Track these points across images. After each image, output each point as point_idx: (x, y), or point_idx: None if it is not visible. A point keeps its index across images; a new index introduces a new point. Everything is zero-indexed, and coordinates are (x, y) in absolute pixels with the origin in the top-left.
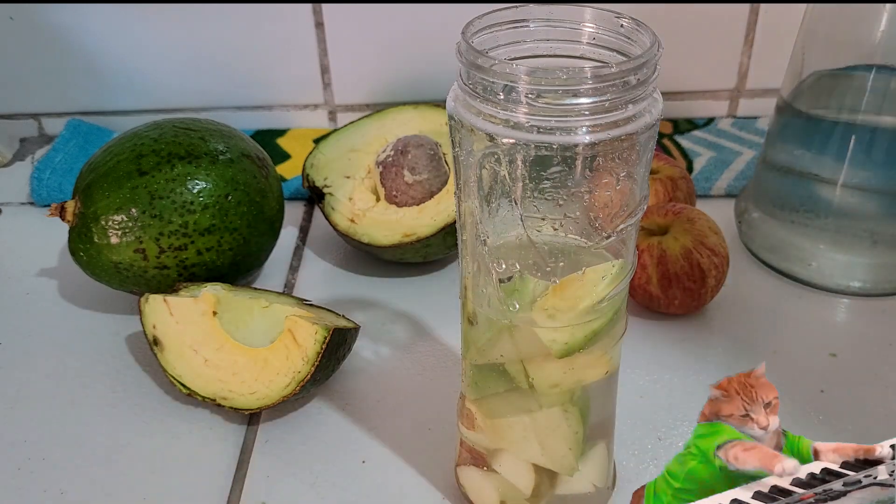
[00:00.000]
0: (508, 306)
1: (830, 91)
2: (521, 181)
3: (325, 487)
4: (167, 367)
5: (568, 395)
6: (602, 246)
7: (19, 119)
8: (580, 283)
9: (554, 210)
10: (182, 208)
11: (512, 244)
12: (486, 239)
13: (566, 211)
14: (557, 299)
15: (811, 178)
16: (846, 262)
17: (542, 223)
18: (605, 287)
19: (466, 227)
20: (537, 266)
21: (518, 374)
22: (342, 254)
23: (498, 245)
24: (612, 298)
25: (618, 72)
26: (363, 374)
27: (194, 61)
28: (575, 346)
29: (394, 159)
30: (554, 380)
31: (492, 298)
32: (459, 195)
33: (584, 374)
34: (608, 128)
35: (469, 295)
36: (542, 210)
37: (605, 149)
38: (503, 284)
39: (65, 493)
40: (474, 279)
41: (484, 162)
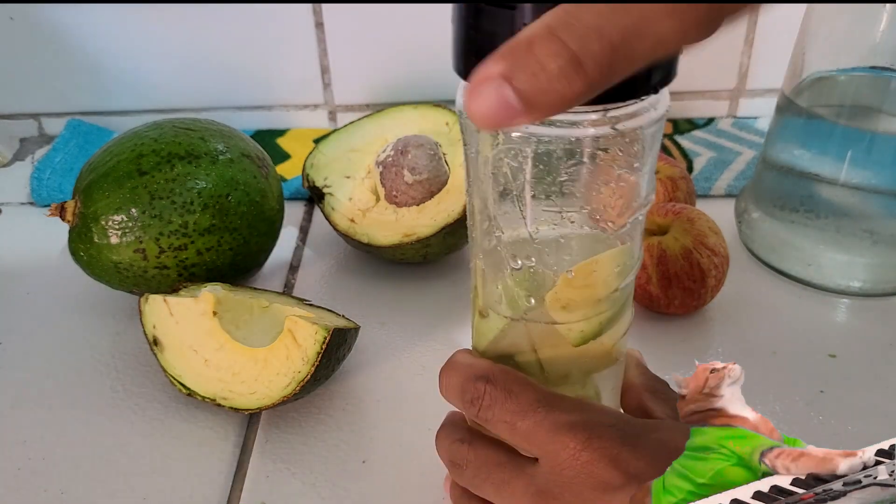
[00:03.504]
0: (523, 301)
1: (830, 91)
2: (532, 175)
3: (325, 487)
4: (167, 367)
5: (579, 386)
6: (613, 237)
7: (19, 119)
8: (594, 272)
9: (565, 203)
10: (182, 208)
11: (524, 239)
12: (499, 235)
13: (577, 204)
14: (572, 290)
15: (811, 177)
16: (846, 261)
17: (553, 216)
18: (618, 276)
19: (477, 224)
20: (550, 259)
21: (529, 366)
22: (342, 254)
23: (510, 240)
24: (623, 288)
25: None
26: (363, 374)
27: (194, 61)
28: (590, 333)
29: (394, 159)
30: (564, 370)
31: (504, 295)
32: (471, 192)
33: (595, 364)
34: (614, 121)
35: (480, 292)
36: (553, 204)
37: (612, 143)
38: (514, 277)
39: (65, 493)
40: (485, 276)
41: (494, 157)
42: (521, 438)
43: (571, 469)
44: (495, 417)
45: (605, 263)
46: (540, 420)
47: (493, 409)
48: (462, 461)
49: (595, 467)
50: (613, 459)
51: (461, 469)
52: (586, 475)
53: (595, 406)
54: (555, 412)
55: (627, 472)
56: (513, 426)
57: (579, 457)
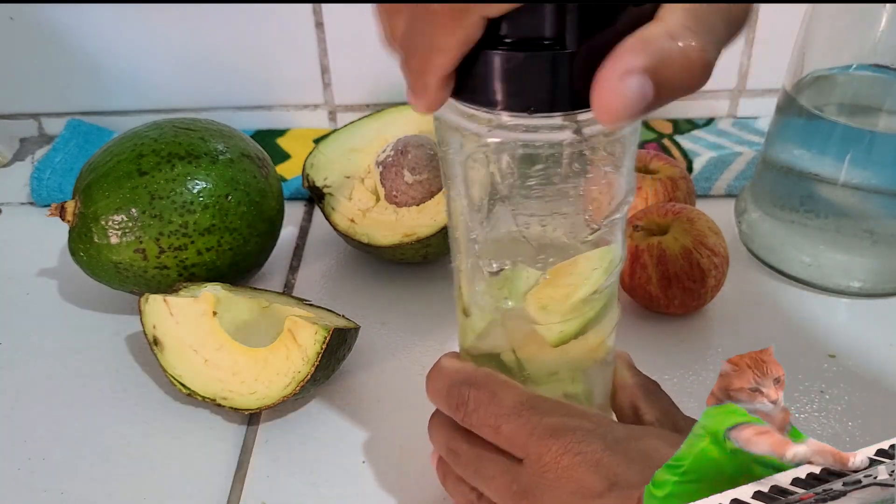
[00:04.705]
0: (501, 302)
1: (830, 91)
2: (509, 179)
3: (325, 487)
4: (167, 367)
5: (568, 383)
6: (591, 239)
7: (19, 119)
8: (572, 273)
9: (542, 206)
10: (182, 208)
11: (502, 240)
12: (475, 236)
13: (554, 206)
14: (550, 290)
15: (811, 177)
16: (846, 262)
17: (531, 219)
18: (598, 278)
19: (457, 226)
20: (528, 262)
21: (511, 364)
22: (342, 254)
23: (488, 242)
24: (604, 290)
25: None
26: (363, 374)
27: (194, 61)
28: (570, 333)
29: (394, 159)
30: (551, 368)
31: (484, 294)
32: (449, 195)
33: (581, 362)
34: (591, 123)
35: (463, 290)
36: (531, 206)
37: (589, 144)
38: (494, 278)
39: (65, 493)
40: (467, 275)
41: (471, 161)
42: (504, 441)
43: (553, 472)
44: (479, 421)
45: (583, 264)
46: (523, 423)
47: (478, 413)
48: (458, 449)
49: (576, 471)
50: (596, 464)
51: (457, 457)
52: (567, 479)
53: (579, 410)
54: (538, 415)
55: (609, 478)
56: (497, 429)
57: (560, 460)
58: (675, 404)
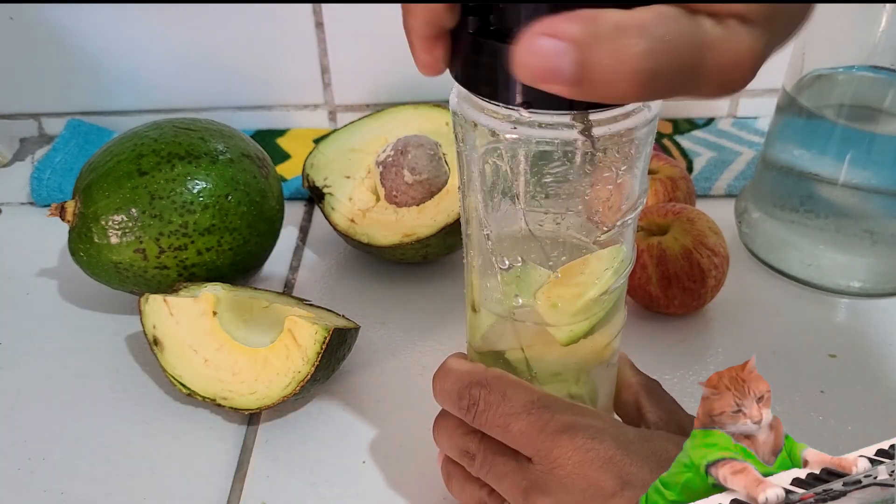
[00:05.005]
0: (511, 299)
1: (830, 91)
2: (523, 176)
3: (325, 487)
4: (167, 367)
5: (573, 384)
6: (603, 239)
7: (19, 119)
8: (583, 272)
9: (556, 204)
10: (182, 208)
11: (515, 238)
12: (488, 232)
13: (568, 205)
14: (561, 289)
15: (811, 177)
16: (846, 261)
17: (544, 217)
18: (609, 278)
19: (471, 222)
20: (539, 260)
21: (520, 364)
22: (342, 254)
23: (501, 239)
24: (613, 291)
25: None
26: (363, 374)
27: (194, 61)
28: (579, 333)
29: (394, 159)
30: (556, 368)
31: (495, 292)
32: (464, 190)
33: (587, 363)
34: (608, 123)
35: (474, 286)
36: (544, 204)
37: (605, 144)
38: (505, 275)
39: (65, 493)
40: (479, 273)
41: (486, 157)
42: (514, 439)
43: (563, 469)
44: (490, 422)
45: (594, 264)
46: (534, 421)
47: (488, 414)
48: (473, 451)
49: (588, 469)
50: (607, 462)
51: (471, 459)
52: (578, 475)
53: (590, 410)
54: (549, 413)
55: (622, 477)
56: (506, 428)
57: (572, 456)
58: (677, 403)
